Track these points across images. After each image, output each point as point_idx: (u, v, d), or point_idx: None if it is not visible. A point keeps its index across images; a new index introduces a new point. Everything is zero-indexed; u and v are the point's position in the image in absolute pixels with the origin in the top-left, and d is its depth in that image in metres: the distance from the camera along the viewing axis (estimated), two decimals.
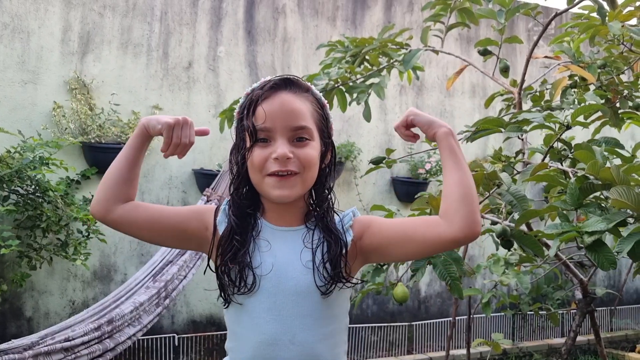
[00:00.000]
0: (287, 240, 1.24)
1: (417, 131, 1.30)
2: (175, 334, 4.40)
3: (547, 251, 1.74)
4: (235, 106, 2.51)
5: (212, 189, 4.10)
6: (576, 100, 2.13)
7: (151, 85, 4.48)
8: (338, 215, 1.28)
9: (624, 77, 2.60)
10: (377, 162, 2.17)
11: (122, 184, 1.25)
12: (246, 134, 1.21)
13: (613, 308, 5.71)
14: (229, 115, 2.51)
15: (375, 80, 2.39)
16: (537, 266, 2.45)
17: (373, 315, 5.16)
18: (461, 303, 4.44)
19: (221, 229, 1.25)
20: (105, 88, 4.30)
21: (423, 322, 5.26)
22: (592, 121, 2.53)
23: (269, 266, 1.20)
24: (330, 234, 1.22)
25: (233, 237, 1.22)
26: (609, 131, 3.74)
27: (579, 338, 5.32)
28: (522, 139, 2.10)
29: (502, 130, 1.79)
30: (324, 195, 1.27)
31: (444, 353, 3.44)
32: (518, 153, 2.10)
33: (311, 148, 1.21)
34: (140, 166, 1.28)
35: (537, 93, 2.54)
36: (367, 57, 2.46)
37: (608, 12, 2.19)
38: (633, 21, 2.58)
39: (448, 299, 5.50)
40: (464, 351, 3.25)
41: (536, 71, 5.13)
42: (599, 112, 2.47)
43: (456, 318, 2.96)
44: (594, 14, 2.37)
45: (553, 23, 3.95)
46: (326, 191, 1.27)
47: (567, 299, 5.31)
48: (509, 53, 5.81)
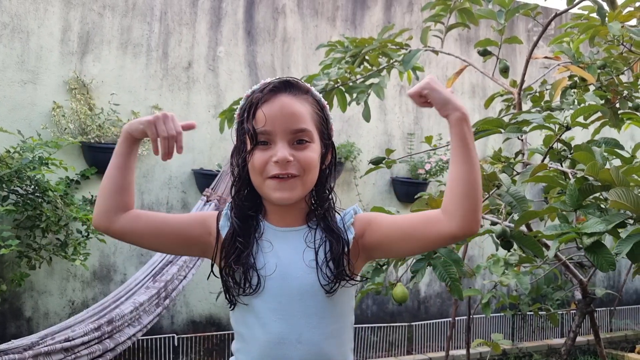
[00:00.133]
0: (290, 240, 1.24)
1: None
2: (174, 334, 4.40)
3: (547, 252, 1.74)
4: (235, 106, 2.52)
5: (212, 189, 4.10)
6: (576, 100, 2.13)
7: (151, 85, 4.47)
8: (339, 214, 1.29)
9: (624, 78, 2.60)
10: (377, 163, 2.17)
11: (118, 193, 1.26)
12: (247, 137, 1.21)
13: (613, 308, 5.71)
14: (229, 115, 2.51)
15: (374, 80, 2.39)
16: (537, 267, 2.45)
17: (373, 315, 5.16)
18: (461, 303, 4.44)
19: (224, 233, 1.25)
20: (104, 88, 4.30)
21: (423, 323, 5.26)
22: (592, 122, 2.53)
23: (273, 266, 1.20)
24: (331, 233, 1.22)
25: (236, 239, 1.22)
26: (609, 132, 3.74)
27: (579, 338, 5.32)
28: (522, 140, 2.10)
29: (502, 130, 1.79)
30: (325, 195, 1.27)
31: (444, 353, 3.44)
32: (517, 154, 2.10)
33: (311, 150, 1.21)
34: (133, 173, 1.29)
35: (537, 93, 2.54)
36: (367, 58, 2.46)
37: (608, 13, 2.19)
38: (633, 22, 2.58)
39: (448, 299, 5.50)
40: (464, 351, 3.25)
41: (536, 72, 5.13)
42: (599, 113, 2.47)
43: (456, 318, 2.96)
44: (594, 15, 2.37)
45: (553, 23, 3.95)
46: (327, 191, 1.28)
47: (567, 300, 5.31)
48: (509, 53, 5.81)
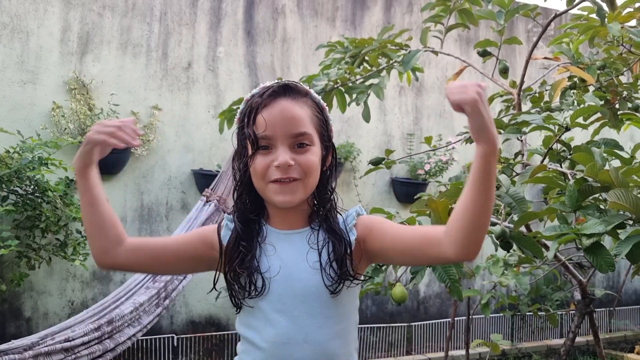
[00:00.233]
0: (293, 242, 1.25)
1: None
2: (174, 335, 4.40)
3: (546, 253, 1.74)
4: (235, 107, 2.51)
5: (212, 190, 4.10)
6: (575, 101, 2.13)
7: (150, 85, 4.48)
8: (341, 215, 1.29)
9: (624, 79, 2.60)
10: (377, 163, 2.17)
11: (104, 230, 1.23)
12: (247, 142, 1.22)
13: (612, 309, 5.71)
14: (229, 116, 2.51)
15: (374, 81, 2.39)
16: (536, 267, 2.45)
17: (372, 315, 5.16)
18: (460, 304, 4.44)
19: (227, 239, 1.26)
20: (104, 88, 4.30)
21: (422, 323, 5.26)
22: (591, 122, 2.53)
23: (277, 268, 1.22)
24: (334, 234, 1.23)
25: (239, 243, 1.23)
26: (608, 132, 3.73)
27: (578, 339, 5.32)
28: (521, 141, 2.10)
29: (502, 131, 1.79)
30: (327, 196, 1.28)
31: (443, 354, 3.44)
32: (517, 154, 2.10)
33: (312, 154, 1.22)
34: (105, 204, 1.26)
35: (537, 94, 2.54)
36: (367, 58, 2.46)
37: (607, 14, 2.20)
38: (632, 22, 2.58)
39: (447, 300, 5.50)
40: (463, 352, 3.25)
41: (536, 72, 5.13)
42: (598, 114, 2.47)
43: (455, 319, 2.97)
44: (594, 15, 2.37)
45: (552, 24, 3.95)
46: (328, 192, 1.28)
47: (566, 300, 5.31)
48: (509, 54, 5.81)
